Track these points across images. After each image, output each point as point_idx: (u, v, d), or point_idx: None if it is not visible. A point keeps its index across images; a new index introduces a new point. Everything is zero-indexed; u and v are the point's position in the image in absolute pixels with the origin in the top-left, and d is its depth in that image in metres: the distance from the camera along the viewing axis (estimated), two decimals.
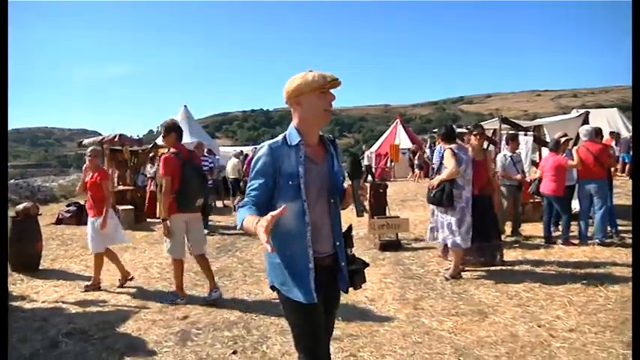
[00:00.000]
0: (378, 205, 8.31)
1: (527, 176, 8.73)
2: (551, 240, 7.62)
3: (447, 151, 5.86)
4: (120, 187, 12.42)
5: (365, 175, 24.61)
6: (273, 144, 2.35)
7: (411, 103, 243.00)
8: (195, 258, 5.54)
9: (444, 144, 5.97)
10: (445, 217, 5.89)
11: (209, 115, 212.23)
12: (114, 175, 12.84)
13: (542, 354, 3.80)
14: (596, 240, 7.36)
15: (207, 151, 12.84)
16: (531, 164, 9.86)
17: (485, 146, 6.77)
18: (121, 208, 10.73)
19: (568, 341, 4.01)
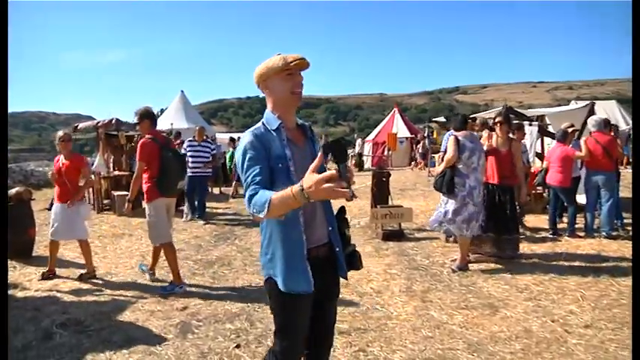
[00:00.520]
0: (380, 194, 8.12)
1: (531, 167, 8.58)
2: (557, 232, 7.47)
3: (450, 138, 5.76)
4: (116, 173, 12.16)
5: (357, 164, 24.55)
6: (255, 130, 2.27)
7: (407, 92, 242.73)
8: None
9: (453, 131, 5.81)
10: (446, 203, 5.79)
11: (204, 102, 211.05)
12: (109, 161, 12.60)
13: (559, 351, 3.65)
14: (603, 233, 7.23)
15: (207, 137, 12.59)
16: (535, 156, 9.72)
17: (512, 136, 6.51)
18: (117, 193, 10.50)
19: (584, 338, 3.86)
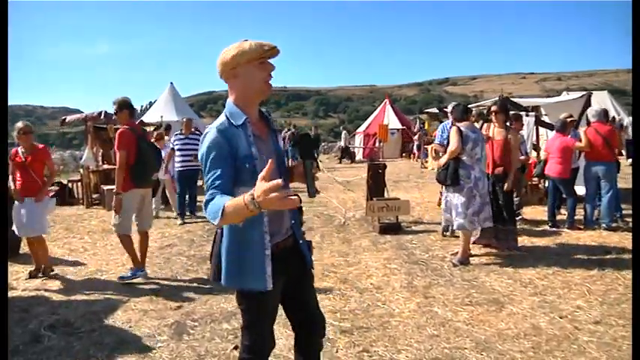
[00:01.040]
0: (376, 187, 7.95)
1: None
2: (557, 224, 7.37)
3: (452, 129, 5.60)
4: (105, 166, 11.90)
5: (341, 157, 24.38)
6: (220, 126, 2.11)
7: (397, 83, 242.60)
8: (140, 234, 5.49)
9: (454, 122, 5.66)
10: (453, 197, 5.62)
11: (194, 94, 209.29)
12: (98, 154, 12.34)
13: (570, 349, 3.52)
14: (603, 224, 7.14)
15: (195, 129, 12.35)
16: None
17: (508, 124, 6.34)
18: (106, 188, 10.24)
19: (595, 335, 3.73)
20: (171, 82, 17.60)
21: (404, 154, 25.49)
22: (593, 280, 4.97)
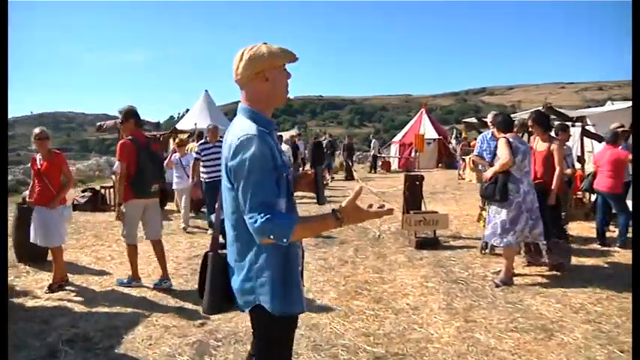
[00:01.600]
0: (413, 199, 7.61)
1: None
2: (606, 242, 6.87)
3: (500, 140, 5.19)
4: None
5: (373, 166, 23.77)
6: (259, 133, 1.86)
7: (432, 93, 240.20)
8: (151, 243, 5.49)
9: (498, 133, 5.28)
10: (499, 213, 5.21)
11: (230, 102, 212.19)
12: None
13: None
14: None
15: (222, 137, 12.23)
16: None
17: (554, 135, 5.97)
18: None
19: None
20: (206, 90, 17.65)
21: (440, 164, 24.83)
22: None
